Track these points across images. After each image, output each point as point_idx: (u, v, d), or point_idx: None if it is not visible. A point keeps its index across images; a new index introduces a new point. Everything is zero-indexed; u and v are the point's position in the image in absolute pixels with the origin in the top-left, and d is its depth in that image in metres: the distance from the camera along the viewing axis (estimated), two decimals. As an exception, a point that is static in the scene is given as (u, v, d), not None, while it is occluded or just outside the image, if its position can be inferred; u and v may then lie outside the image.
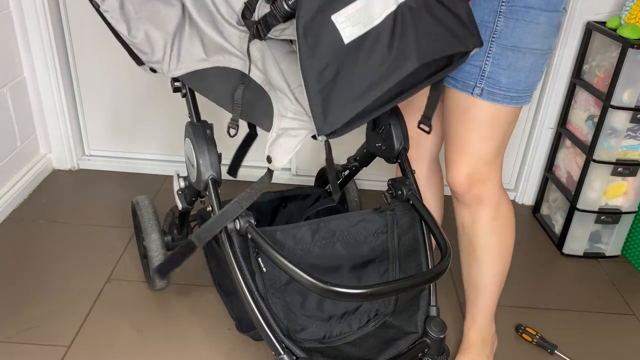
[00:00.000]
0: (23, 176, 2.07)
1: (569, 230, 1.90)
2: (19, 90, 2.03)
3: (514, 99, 1.19)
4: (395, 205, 1.28)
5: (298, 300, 1.21)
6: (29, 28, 1.98)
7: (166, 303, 1.61)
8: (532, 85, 1.20)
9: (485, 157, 1.24)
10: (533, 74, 1.18)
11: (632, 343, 1.59)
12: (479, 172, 1.25)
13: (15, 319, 1.52)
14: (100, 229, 1.91)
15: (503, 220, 1.31)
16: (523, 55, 1.14)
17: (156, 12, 1.14)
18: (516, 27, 1.11)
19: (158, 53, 1.14)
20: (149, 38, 1.13)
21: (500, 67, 1.15)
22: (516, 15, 1.11)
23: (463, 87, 1.19)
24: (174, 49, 1.15)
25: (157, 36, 1.13)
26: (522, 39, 1.12)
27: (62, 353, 1.43)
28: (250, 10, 1.10)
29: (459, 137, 1.24)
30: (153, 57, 1.13)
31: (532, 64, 1.16)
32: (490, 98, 1.17)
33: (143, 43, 1.13)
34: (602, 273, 1.87)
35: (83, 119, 2.25)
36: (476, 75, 1.17)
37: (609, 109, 1.71)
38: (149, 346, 1.47)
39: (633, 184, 1.82)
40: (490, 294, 1.38)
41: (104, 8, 1.10)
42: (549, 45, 1.16)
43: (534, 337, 1.54)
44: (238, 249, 1.12)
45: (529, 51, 1.14)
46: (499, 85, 1.16)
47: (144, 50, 1.13)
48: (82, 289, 1.64)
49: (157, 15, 1.14)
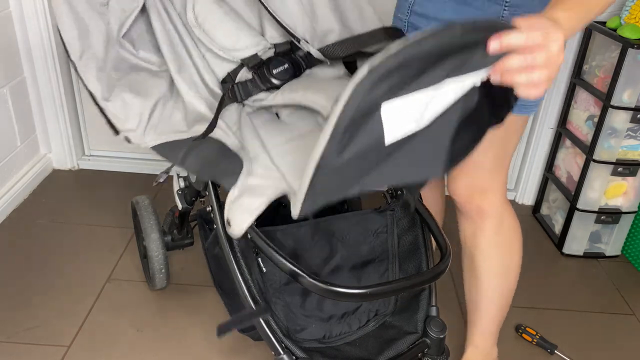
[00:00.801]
0: (23, 176, 2.07)
1: (569, 230, 1.90)
2: (19, 90, 2.03)
3: (517, 107, 1.11)
4: (395, 205, 1.28)
5: (298, 300, 1.21)
6: (29, 28, 1.98)
7: (166, 303, 1.61)
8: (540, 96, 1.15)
9: (486, 166, 1.19)
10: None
11: (632, 343, 1.59)
12: (479, 182, 1.20)
13: (15, 319, 1.52)
14: (100, 229, 1.91)
15: (506, 235, 1.25)
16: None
17: (141, 81, 1.08)
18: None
19: (132, 122, 1.06)
20: (126, 104, 1.06)
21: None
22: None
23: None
24: (151, 119, 1.08)
25: (135, 103, 1.07)
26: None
27: (62, 353, 1.43)
28: (232, 78, 1.08)
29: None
30: (127, 125, 1.05)
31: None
32: None
33: (118, 108, 1.05)
34: (602, 273, 1.87)
35: (83, 119, 2.25)
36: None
37: (609, 109, 1.71)
38: (149, 346, 1.47)
39: (633, 184, 1.82)
40: (491, 315, 1.32)
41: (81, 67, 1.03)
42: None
43: (534, 337, 1.54)
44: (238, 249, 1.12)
45: None
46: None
47: (118, 115, 1.06)
48: (82, 289, 1.64)
49: (141, 85, 1.08)
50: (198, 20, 1.07)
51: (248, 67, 1.07)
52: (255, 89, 1.06)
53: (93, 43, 1.04)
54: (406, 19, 1.21)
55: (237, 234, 0.90)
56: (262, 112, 1.07)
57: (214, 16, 1.06)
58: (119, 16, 1.08)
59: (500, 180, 1.22)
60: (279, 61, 1.07)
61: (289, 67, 1.07)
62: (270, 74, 1.05)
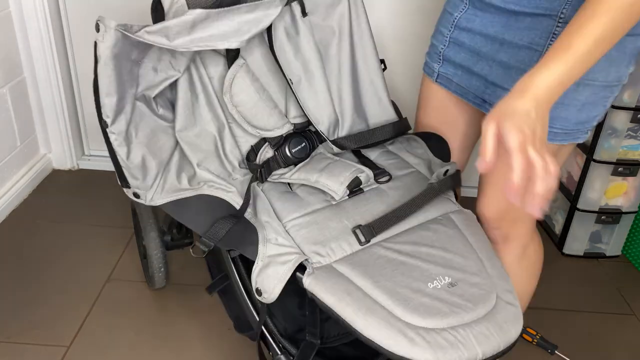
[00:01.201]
0: (23, 176, 2.07)
1: (569, 230, 1.90)
2: (19, 90, 2.04)
3: (559, 136, 1.01)
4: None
5: (295, 300, 1.21)
6: (29, 28, 1.98)
7: (166, 303, 1.61)
8: (588, 121, 1.01)
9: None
10: (589, 109, 0.98)
11: (632, 343, 1.59)
12: (510, 211, 1.12)
13: (15, 319, 1.52)
14: (100, 229, 1.91)
15: (528, 263, 1.20)
16: (575, 88, 0.95)
17: (155, 139, 1.13)
18: None
19: (149, 181, 1.12)
20: (145, 164, 1.11)
21: None
22: None
23: None
24: (162, 178, 1.14)
25: (153, 164, 1.12)
26: None
27: (62, 353, 1.43)
28: (255, 153, 1.17)
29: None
30: (142, 184, 1.12)
31: (587, 98, 0.97)
32: None
33: (137, 169, 1.10)
34: (602, 273, 1.87)
35: (83, 119, 2.25)
36: None
37: (609, 109, 1.70)
38: (149, 346, 1.47)
39: (633, 184, 1.82)
40: None
41: (112, 130, 1.07)
42: (616, 76, 0.96)
43: (534, 337, 1.54)
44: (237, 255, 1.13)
45: (583, 83, 0.95)
46: None
47: (136, 175, 1.11)
48: (82, 289, 1.64)
49: (155, 143, 1.13)
50: (233, 101, 1.14)
51: (271, 145, 1.17)
52: (276, 165, 1.16)
53: (126, 106, 1.07)
54: (449, 34, 1.14)
55: (271, 300, 0.96)
56: (277, 184, 1.16)
57: (249, 99, 1.14)
58: (151, 78, 1.11)
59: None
60: (297, 140, 1.17)
61: (306, 144, 1.18)
62: (290, 153, 1.16)
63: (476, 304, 0.91)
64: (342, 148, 1.19)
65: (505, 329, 0.90)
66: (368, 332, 0.86)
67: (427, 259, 0.97)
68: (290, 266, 0.95)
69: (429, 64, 1.23)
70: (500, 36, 1.03)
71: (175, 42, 1.00)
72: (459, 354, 0.84)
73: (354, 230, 1.00)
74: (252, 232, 1.02)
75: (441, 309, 0.89)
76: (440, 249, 1.00)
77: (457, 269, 0.96)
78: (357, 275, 0.93)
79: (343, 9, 1.19)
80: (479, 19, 1.07)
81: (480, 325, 0.89)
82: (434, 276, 0.94)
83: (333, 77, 1.21)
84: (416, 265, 0.96)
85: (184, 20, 1.00)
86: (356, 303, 0.89)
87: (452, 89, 1.17)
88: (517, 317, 0.92)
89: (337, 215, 1.05)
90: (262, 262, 0.97)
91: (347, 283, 0.92)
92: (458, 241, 1.02)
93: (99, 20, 0.98)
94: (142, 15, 2.00)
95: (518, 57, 1.00)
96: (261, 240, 1.00)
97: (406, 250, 0.99)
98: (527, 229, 1.17)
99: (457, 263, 0.98)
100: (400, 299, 0.89)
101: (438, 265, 0.96)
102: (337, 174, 1.10)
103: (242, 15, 1.04)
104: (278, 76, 1.19)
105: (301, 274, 0.94)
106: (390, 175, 1.16)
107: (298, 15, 1.14)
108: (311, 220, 1.04)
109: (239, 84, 1.13)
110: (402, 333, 0.85)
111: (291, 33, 1.15)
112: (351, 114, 1.22)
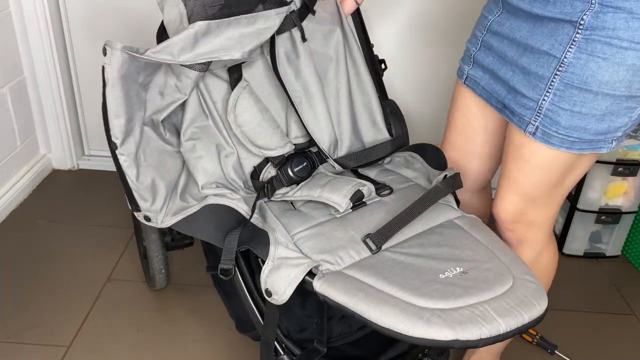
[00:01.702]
0: (23, 176, 2.07)
1: (569, 230, 1.90)
2: (19, 90, 2.03)
3: (577, 145, 0.99)
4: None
5: (298, 300, 1.21)
6: (29, 28, 1.98)
7: (166, 303, 1.61)
8: (610, 132, 0.98)
9: (537, 201, 1.10)
10: (609, 119, 0.96)
11: (632, 343, 1.59)
12: (527, 214, 1.12)
13: (15, 319, 1.52)
14: (100, 229, 1.91)
15: (541, 268, 1.19)
16: (594, 97, 0.94)
17: (163, 162, 1.16)
18: (589, 61, 0.91)
19: (158, 203, 1.14)
20: (154, 187, 1.14)
21: (561, 106, 0.96)
22: (592, 47, 0.91)
23: (518, 121, 1.04)
24: (171, 199, 1.16)
25: (162, 186, 1.15)
26: (595, 77, 0.92)
27: (62, 353, 1.43)
28: (258, 172, 1.21)
29: (510, 173, 1.11)
30: (152, 206, 1.14)
31: (607, 108, 0.94)
32: (545, 140, 1.00)
33: (147, 190, 1.13)
34: (602, 273, 1.87)
35: (83, 119, 2.25)
36: (532, 111, 1.00)
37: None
38: (149, 346, 1.47)
39: (633, 184, 1.82)
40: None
41: (121, 151, 1.09)
42: (638, 88, 0.93)
43: (534, 337, 1.54)
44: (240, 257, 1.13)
45: (603, 93, 0.93)
46: (556, 127, 0.98)
47: (145, 197, 1.13)
48: (82, 289, 1.64)
49: (164, 166, 1.16)
50: (237, 121, 1.17)
51: (273, 165, 1.21)
52: (279, 184, 1.20)
53: (134, 128, 1.09)
54: (481, 36, 1.14)
55: (282, 302, 0.97)
56: (281, 202, 1.19)
57: (253, 118, 1.17)
58: (158, 102, 1.14)
59: (551, 214, 1.14)
60: (299, 160, 1.22)
61: (307, 164, 1.22)
62: (293, 172, 1.20)
63: (492, 284, 0.89)
64: (343, 167, 1.23)
65: (527, 302, 0.87)
66: (383, 320, 0.85)
67: (435, 256, 0.97)
68: (302, 269, 0.95)
69: (461, 67, 1.22)
70: (524, 41, 1.02)
71: (181, 58, 1.03)
72: (479, 327, 0.81)
73: (364, 240, 1.02)
74: (263, 234, 1.04)
75: (455, 291, 0.87)
76: (447, 246, 1.00)
77: (467, 260, 0.95)
78: (367, 276, 0.93)
79: (338, 36, 1.26)
80: (509, 23, 1.06)
81: (499, 300, 0.86)
82: (444, 269, 0.93)
83: (332, 100, 1.26)
84: (425, 263, 0.95)
85: (187, 35, 1.02)
86: (368, 297, 0.88)
87: (478, 92, 1.17)
88: (540, 292, 0.89)
89: (342, 226, 1.07)
90: (273, 263, 0.98)
91: (358, 282, 0.92)
92: (465, 239, 1.02)
93: (106, 45, 1.01)
94: (143, 15, 2.00)
95: (538, 63, 0.99)
96: (272, 242, 1.01)
97: (414, 252, 0.99)
98: (543, 234, 1.16)
99: (467, 255, 0.97)
100: (412, 288, 0.88)
101: (448, 260, 0.95)
102: (339, 188, 1.13)
103: (242, 28, 1.07)
104: (279, 99, 1.24)
105: (310, 279, 0.94)
106: (392, 188, 1.19)
107: (298, 40, 1.20)
108: (317, 232, 1.06)
109: (243, 104, 1.17)
110: (417, 315, 0.83)
111: (292, 57, 1.21)
112: (349, 136, 1.27)
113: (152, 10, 1.99)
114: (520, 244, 1.17)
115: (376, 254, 1.00)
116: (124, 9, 2.01)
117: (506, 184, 1.12)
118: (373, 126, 1.32)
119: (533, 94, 0.99)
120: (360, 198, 1.13)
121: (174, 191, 1.17)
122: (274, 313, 1.05)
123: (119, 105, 1.04)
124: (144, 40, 1.99)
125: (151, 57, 1.02)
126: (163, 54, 1.02)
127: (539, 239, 1.16)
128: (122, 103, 1.04)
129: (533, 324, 0.85)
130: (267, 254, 1.00)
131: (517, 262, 0.96)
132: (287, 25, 1.18)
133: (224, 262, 1.03)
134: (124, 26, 2.03)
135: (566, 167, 1.04)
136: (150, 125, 1.13)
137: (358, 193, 1.12)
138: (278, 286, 0.96)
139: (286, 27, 1.18)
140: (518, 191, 1.10)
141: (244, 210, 1.11)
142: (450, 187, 1.11)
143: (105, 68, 1.02)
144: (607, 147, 1.00)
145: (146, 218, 1.15)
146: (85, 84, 2.17)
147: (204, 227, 1.11)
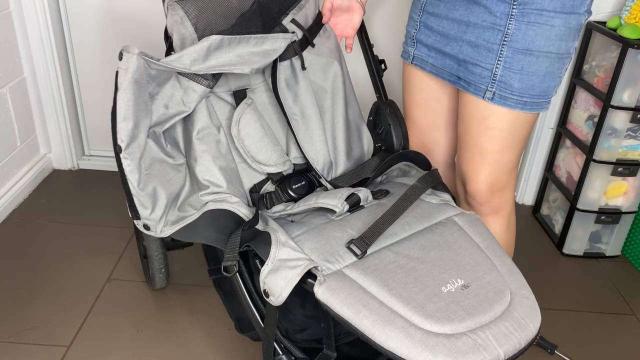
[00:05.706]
0: (23, 176, 2.07)
1: (569, 230, 1.90)
2: (19, 90, 2.03)
3: (528, 105, 1.16)
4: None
5: (297, 300, 1.21)
6: (29, 28, 1.98)
7: (166, 303, 1.61)
8: (548, 91, 1.17)
9: (507, 165, 1.23)
10: (549, 79, 1.15)
11: (632, 343, 1.59)
12: (500, 181, 1.24)
13: (15, 319, 1.52)
14: (100, 229, 1.91)
15: (511, 229, 1.31)
16: (536, 59, 1.11)
17: (164, 173, 1.17)
18: (528, 30, 1.09)
19: (158, 212, 1.15)
20: (155, 195, 1.15)
21: (512, 70, 1.12)
22: (528, 18, 1.09)
23: (475, 90, 1.17)
24: (170, 210, 1.17)
25: (162, 194, 1.15)
26: (535, 42, 1.10)
27: (62, 353, 1.43)
28: (257, 189, 1.25)
29: (479, 146, 1.21)
30: (152, 215, 1.14)
31: (547, 68, 1.13)
32: (503, 102, 1.15)
33: (148, 197, 1.13)
34: (602, 273, 1.87)
35: (83, 119, 2.25)
36: (488, 79, 1.15)
37: (609, 109, 1.71)
38: (149, 346, 1.47)
39: (633, 184, 1.82)
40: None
41: (125, 155, 1.09)
42: (566, 49, 1.13)
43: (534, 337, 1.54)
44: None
45: (542, 54, 1.11)
46: (511, 90, 1.14)
47: (146, 205, 1.14)
48: (82, 289, 1.64)
49: (165, 176, 1.17)
50: (240, 134, 1.21)
51: (273, 181, 1.25)
52: (277, 200, 1.23)
53: (140, 135, 1.10)
54: (419, 18, 1.28)
55: (279, 303, 0.98)
56: (279, 218, 1.21)
57: (256, 133, 1.22)
58: (162, 113, 1.16)
59: (514, 176, 1.28)
60: (297, 178, 1.26)
61: (305, 183, 1.26)
62: (290, 189, 1.23)
63: (492, 303, 0.93)
64: (337, 187, 1.27)
65: (524, 325, 0.92)
66: (388, 344, 0.86)
67: (437, 263, 0.99)
68: (299, 271, 0.96)
69: (405, 50, 1.36)
70: (465, 19, 1.16)
71: (193, 68, 1.10)
72: (481, 358, 0.85)
73: (348, 246, 1.03)
74: (264, 234, 1.05)
75: (458, 313, 0.90)
76: (448, 251, 1.01)
77: (468, 271, 0.98)
78: (370, 284, 0.94)
79: (336, 69, 1.33)
80: (443, 4, 1.20)
81: (498, 324, 0.90)
82: (446, 279, 0.96)
83: (328, 127, 1.30)
84: (427, 271, 0.97)
85: (200, 47, 1.10)
86: (373, 315, 0.89)
87: (428, 69, 1.29)
88: (535, 311, 0.95)
89: (340, 226, 1.08)
90: (272, 264, 0.99)
91: (361, 292, 0.92)
92: (465, 242, 1.06)
93: (123, 50, 1.04)
94: (143, 15, 2.00)
95: (484, 37, 1.13)
96: (274, 242, 1.02)
97: (416, 255, 1.00)
98: (512, 195, 1.29)
99: (467, 264, 1.00)
100: (416, 305, 0.90)
101: (449, 269, 0.98)
102: (334, 193, 1.16)
103: (250, 47, 1.16)
104: (280, 123, 1.29)
105: (312, 281, 0.95)
106: (388, 191, 1.21)
107: (298, 68, 1.28)
108: (315, 233, 1.07)
109: (247, 118, 1.22)
110: (423, 343, 0.85)
111: (291, 83, 1.27)
112: (344, 161, 1.32)
113: (152, 11, 1.99)
114: (496, 212, 1.28)
115: (377, 253, 1.01)
116: (124, 9, 2.01)
117: (479, 158, 1.22)
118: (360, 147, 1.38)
119: (486, 63, 1.14)
120: (357, 202, 1.14)
121: (174, 202, 1.18)
122: (274, 313, 1.05)
123: (128, 108, 1.06)
124: (144, 40, 1.99)
125: (165, 62, 1.07)
126: (176, 62, 1.09)
127: (510, 201, 1.28)
128: (132, 107, 1.06)
129: (527, 347, 0.92)
130: (267, 254, 1.00)
131: (514, 272, 1.02)
132: (289, 53, 1.26)
133: (227, 260, 1.04)
134: (124, 26, 2.03)
135: (524, 127, 1.19)
136: (152, 137, 1.15)
137: (354, 197, 1.14)
138: (275, 288, 0.97)
139: (288, 55, 1.26)
140: (490, 160, 1.21)
141: (243, 214, 1.12)
142: (429, 182, 1.16)
143: (119, 73, 1.05)
144: (546, 107, 1.19)
145: (145, 227, 1.15)
146: (85, 84, 2.17)
147: (205, 231, 1.12)
